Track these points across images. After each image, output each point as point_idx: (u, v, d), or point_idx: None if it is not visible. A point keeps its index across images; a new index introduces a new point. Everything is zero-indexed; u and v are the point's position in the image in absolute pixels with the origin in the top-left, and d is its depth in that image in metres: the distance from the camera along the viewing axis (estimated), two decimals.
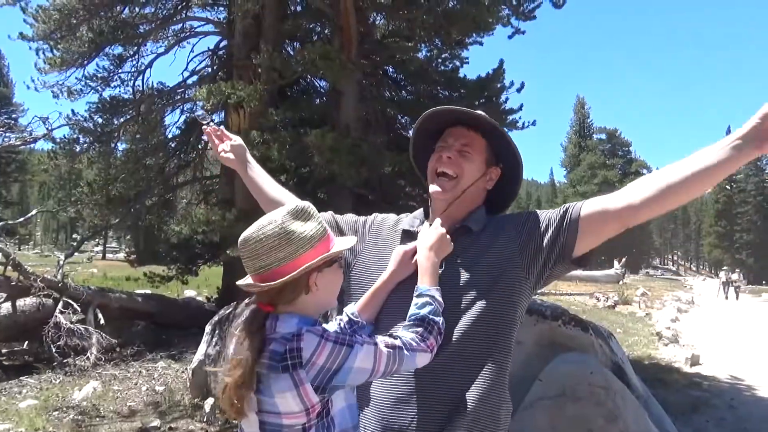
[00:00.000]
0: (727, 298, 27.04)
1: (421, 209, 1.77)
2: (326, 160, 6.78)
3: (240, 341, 1.27)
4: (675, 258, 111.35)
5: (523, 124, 9.43)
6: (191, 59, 11.34)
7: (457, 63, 9.87)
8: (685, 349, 10.05)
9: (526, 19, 9.02)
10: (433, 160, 1.62)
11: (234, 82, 7.76)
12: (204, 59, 11.52)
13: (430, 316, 1.41)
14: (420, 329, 1.40)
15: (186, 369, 6.60)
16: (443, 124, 1.67)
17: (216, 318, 5.92)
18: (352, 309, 1.59)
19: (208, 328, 5.85)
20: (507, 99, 9.32)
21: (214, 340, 5.65)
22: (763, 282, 52.26)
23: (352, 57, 7.62)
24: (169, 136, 11.70)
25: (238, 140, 1.97)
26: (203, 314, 9.17)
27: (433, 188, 1.61)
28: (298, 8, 10.04)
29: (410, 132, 8.14)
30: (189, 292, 14.78)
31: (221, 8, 11.21)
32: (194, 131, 11.03)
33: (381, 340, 1.32)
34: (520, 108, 9.43)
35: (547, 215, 1.59)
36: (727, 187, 63.80)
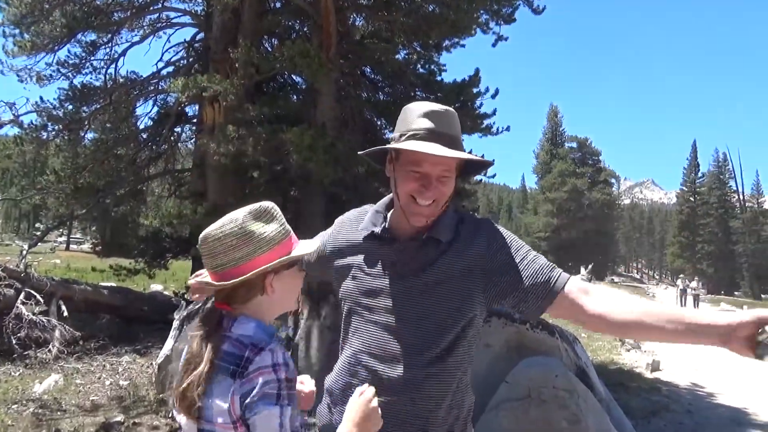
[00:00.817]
0: (684, 305, 27.76)
1: (384, 201, 1.72)
2: (304, 158, 6.76)
3: (198, 339, 1.26)
4: (639, 266, 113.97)
5: (498, 129, 9.56)
6: (166, 50, 11.20)
7: (435, 68, 9.95)
8: (647, 355, 10.32)
9: (506, 23, 9.15)
10: (409, 184, 1.53)
11: (210, 75, 7.68)
12: (180, 51, 11.37)
13: None
14: None
15: (151, 364, 6.51)
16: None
17: (183, 312, 5.85)
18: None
19: (175, 323, 5.78)
20: (482, 104, 9.45)
21: (182, 335, 5.58)
22: (722, 291, 53.96)
23: (331, 56, 7.62)
24: (141, 126, 11.52)
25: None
26: (170, 309, 9.05)
27: (413, 219, 1.55)
28: (278, 5, 9.99)
29: (387, 133, 8.15)
30: (155, 287, 14.55)
31: (199, 0, 11.08)
32: (167, 123, 10.89)
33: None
34: (494, 113, 9.57)
35: (529, 261, 1.54)
36: (691, 199, 65.71)
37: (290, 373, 1.23)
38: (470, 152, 1.73)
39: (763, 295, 52.09)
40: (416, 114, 1.57)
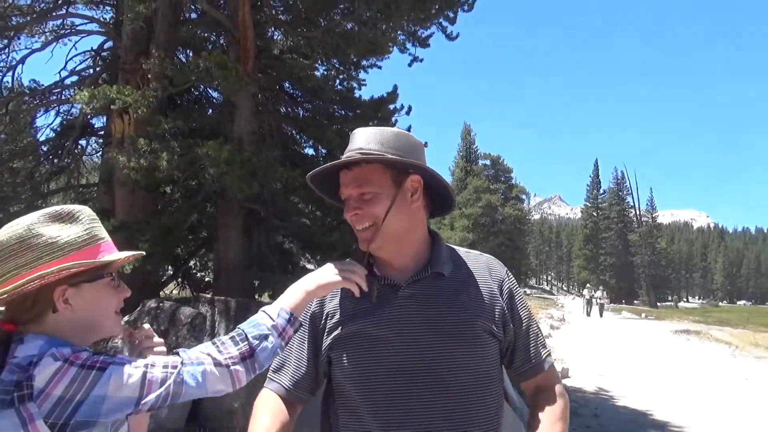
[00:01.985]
0: (589, 315, 29.34)
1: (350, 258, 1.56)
2: (220, 172, 6.59)
3: None
4: (549, 278, 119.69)
5: None
6: (71, 58, 10.57)
7: (354, 84, 10.06)
8: (557, 363, 10.82)
9: (421, 46, 9.42)
10: (346, 213, 1.42)
11: (120, 86, 7.34)
12: (86, 59, 10.77)
13: (249, 330, 1.15)
14: (226, 339, 1.14)
15: None
16: (336, 168, 1.45)
17: None
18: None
19: None
20: (397, 120, 9.64)
21: None
22: (623, 301, 57.75)
23: (249, 70, 7.51)
24: (41, 138, 10.77)
25: None
26: None
27: (359, 240, 1.42)
28: (193, 15, 9.74)
29: (306, 148, 8.09)
30: None
31: (107, 7, 10.57)
32: (70, 135, 10.26)
33: (157, 359, 1.07)
34: (409, 129, 9.79)
35: (530, 323, 1.49)
36: (594, 214, 70.12)
37: (87, 356, 1.01)
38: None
39: (659, 303, 56.25)
40: (351, 136, 1.48)
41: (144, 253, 1.25)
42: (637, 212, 67.19)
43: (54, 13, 9.86)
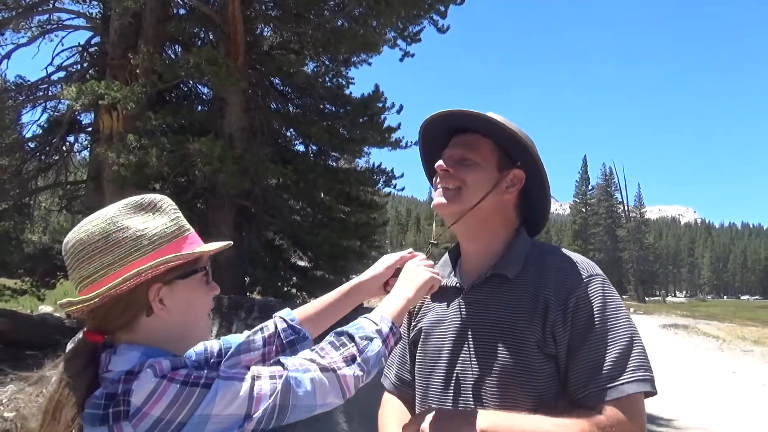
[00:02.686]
0: None
1: (446, 254, 1.48)
2: (212, 169, 6.55)
3: (59, 385, 0.91)
4: None
5: (407, 143, 9.79)
6: (58, 53, 10.47)
7: (343, 81, 10.04)
8: None
9: (412, 42, 9.41)
10: (437, 167, 1.33)
11: (108, 81, 7.27)
12: (73, 55, 10.66)
13: (352, 332, 1.03)
14: (326, 345, 1.01)
15: (41, 392, 5.99)
16: (450, 129, 1.37)
17: (79, 335, 5.45)
18: (289, 313, 1.23)
19: (69, 346, 5.37)
20: (386, 118, 9.64)
21: None
22: None
23: (239, 65, 7.48)
24: (28, 135, 10.66)
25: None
26: (62, 332, 8.39)
27: (434, 205, 1.33)
28: (182, 11, 9.67)
29: (297, 144, 8.01)
30: (45, 308, 13.43)
31: (94, 2, 10.47)
32: (58, 131, 10.15)
33: (262, 369, 0.93)
34: (399, 126, 9.78)
35: (589, 346, 1.19)
36: (583, 210, 70.58)
37: (193, 366, 0.91)
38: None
39: (647, 298, 56.82)
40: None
41: (232, 242, 1.08)
42: (626, 208, 67.76)
43: (40, 8, 9.74)
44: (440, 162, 1.30)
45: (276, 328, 1.19)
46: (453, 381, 1.26)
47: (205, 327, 1.03)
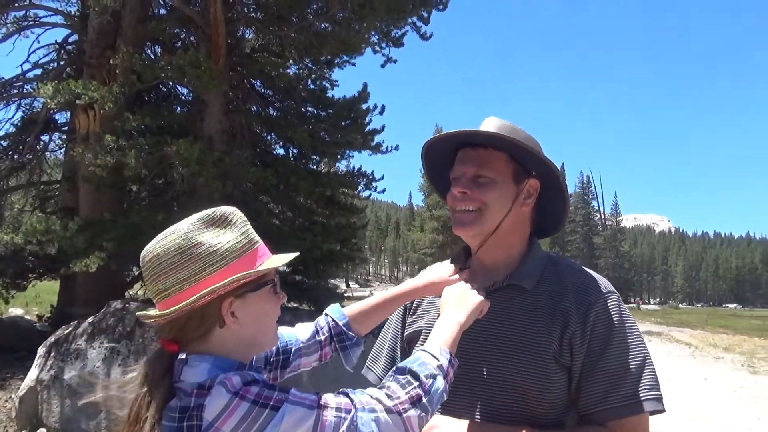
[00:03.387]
0: None
1: (454, 254, 1.46)
2: (192, 172, 6.47)
3: (140, 396, 0.95)
4: None
5: (387, 148, 9.80)
6: (33, 51, 10.27)
7: (326, 84, 10.02)
8: None
9: (395, 46, 9.43)
10: (449, 198, 1.31)
11: (85, 81, 7.15)
12: (49, 53, 10.49)
13: (417, 370, 1.03)
14: (391, 383, 1.01)
15: (11, 397, 5.84)
16: (456, 144, 1.34)
17: (52, 339, 5.33)
18: (337, 312, 1.27)
19: (41, 351, 5.25)
20: (371, 120, 9.64)
21: (49, 363, 5.07)
22: None
23: (221, 67, 7.41)
24: (1, 133, 10.42)
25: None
26: (34, 335, 8.21)
27: (455, 229, 1.30)
28: (162, 11, 9.56)
29: (277, 148, 7.98)
30: (15, 311, 13.11)
31: (72, 0, 10.31)
32: (32, 130, 9.95)
33: (330, 399, 0.96)
34: (383, 129, 9.79)
35: (604, 362, 1.19)
36: None
37: (264, 383, 0.93)
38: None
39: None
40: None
41: (299, 253, 1.12)
42: (602, 216, 68.76)
43: (16, 4, 9.56)
44: (456, 185, 1.27)
45: (330, 331, 1.25)
46: (463, 386, 1.24)
47: (274, 335, 1.08)
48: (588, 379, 1.19)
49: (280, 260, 1.04)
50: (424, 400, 0.99)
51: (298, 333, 1.27)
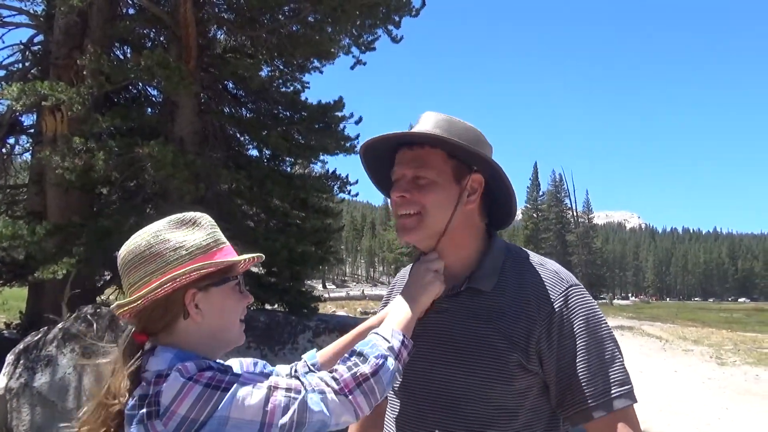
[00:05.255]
0: None
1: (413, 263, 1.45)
2: (166, 174, 6.39)
3: (101, 380, 1.02)
4: None
5: None
6: None
7: (299, 86, 9.97)
8: None
9: (366, 50, 9.44)
10: (391, 204, 1.29)
11: (52, 82, 7.00)
12: (14, 53, 10.20)
13: (367, 352, 1.07)
14: (340, 366, 1.06)
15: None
16: (394, 144, 1.30)
17: (21, 346, 5.22)
18: (312, 356, 1.28)
19: (9, 358, 5.13)
20: (345, 127, 9.61)
21: (18, 371, 4.97)
22: None
23: (192, 68, 7.33)
24: None
25: None
26: (1, 343, 8.01)
27: (399, 235, 1.29)
28: (131, 11, 9.41)
29: (250, 149, 7.93)
30: None
31: None
32: None
33: (280, 381, 1.00)
34: (357, 137, 9.77)
35: (577, 362, 1.17)
36: (534, 215, 72.27)
37: (221, 369, 0.98)
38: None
39: (595, 301, 58.61)
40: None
41: (263, 256, 1.17)
42: (575, 213, 69.79)
43: None
44: (396, 190, 1.24)
45: (298, 372, 1.27)
46: (425, 392, 1.23)
47: (237, 332, 1.12)
48: (563, 381, 1.17)
49: (241, 257, 1.10)
50: (372, 380, 1.03)
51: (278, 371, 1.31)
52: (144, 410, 0.95)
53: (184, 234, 1.07)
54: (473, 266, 1.28)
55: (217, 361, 1.05)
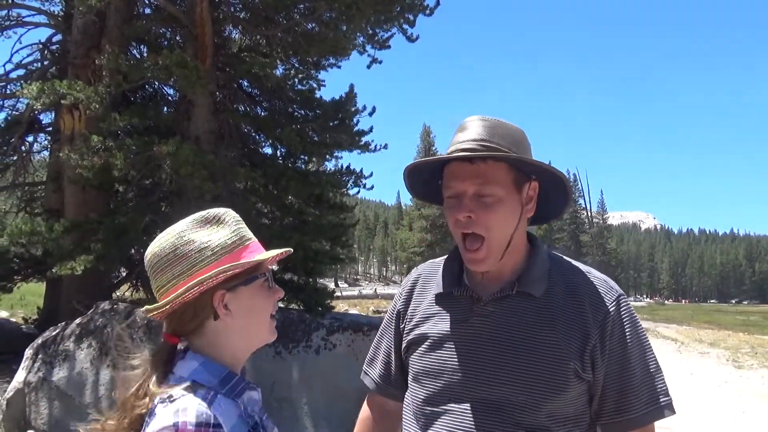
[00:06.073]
0: None
1: (443, 260, 1.38)
2: (185, 173, 6.44)
3: (143, 377, 1.01)
4: None
5: (376, 146, 9.79)
6: (17, 51, 10.19)
7: (314, 84, 10.00)
8: None
9: (381, 48, 9.44)
10: (450, 219, 1.22)
11: (70, 81, 7.09)
12: (33, 53, 10.38)
13: None
14: None
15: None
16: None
17: (39, 341, 5.29)
18: None
19: (28, 353, 5.21)
20: (358, 121, 9.63)
21: (36, 365, 5.04)
22: None
23: (207, 67, 7.38)
24: None
25: None
26: (20, 338, 8.13)
27: (466, 260, 1.23)
28: (147, 10, 9.49)
29: (264, 148, 7.96)
30: (0, 313, 12.98)
31: None
32: (16, 131, 9.84)
33: None
34: (371, 130, 9.77)
35: (626, 372, 1.19)
36: None
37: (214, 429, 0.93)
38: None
39: None
40: (457, 128, 1.26)
41: (291, 250, 1.15)
42: (589, 214, 69.29)
43: None
44: (460, 209, 1.18)
45: None
46: (472, 396, 1.19)
47: (268, 329, 1.10)
48: (609, 389, 1.18)
49: (268, 254, 1.08)
50: None
51: None
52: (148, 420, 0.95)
53: (209, 233, 1.05)
54: (520, 270, 1.25)
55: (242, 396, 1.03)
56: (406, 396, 1.33)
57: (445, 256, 1.38)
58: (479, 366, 1.19)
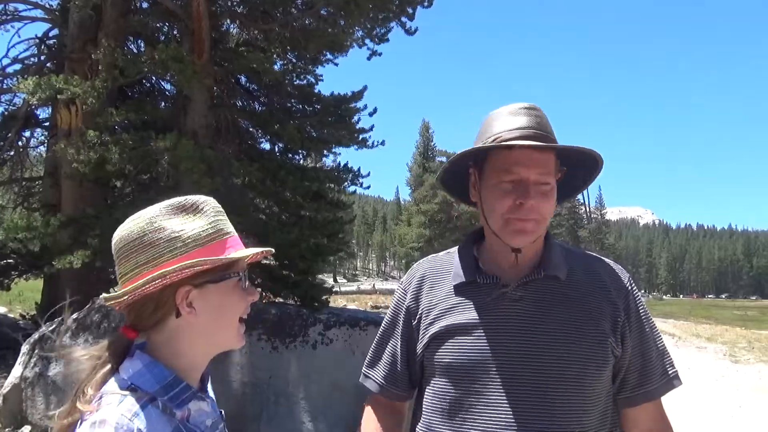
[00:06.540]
0: None
1: (470, 238, 1.36)
2: (183, 168, 6.43)
3: (90, 370, 0.93)
4: None
5: (373, 143, 9.77)
6: (13, 45, 10.15)
7: (312, 79, 9.97)
8: None
9: (380, 42, 9.40)
10: (503, 201, 1.21)
11: (67, 76, 7.07)
12: (29, 47, 10.34)
13: None
14: None
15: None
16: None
17: (36, 336, 5.29)
18: None
19: (25, 348, 5.20)
20: (360, 119, 9.60)
21: (33, 360, 5.04)
22: None
23: (204, 62, 7.35)
24: None
25: None
26: (17, 333, 8.12)
27: (515, 239, 1.22)
28: (144, 5, 9.45)
29: (263, 143, 7.93)
30: None
31: None
32: (13, 126, 9.81)
33: None
34: (371, 128, 9.77)
35: (655, 339, 1.27)
36: None
37: None
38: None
39: None
40: (500, 115, 1.26)
41: (273, 250, 1.06)
42: (587, 209, 69.41)
43: None
44: (526, 196, 1.18)
45: None
46: (514, 383, 1.18)
47: (234, 335, 0.99)
48: (634, 365, 1.24)
49: (244, 253, 0.98)
50: None
51: None
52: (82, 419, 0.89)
53: (183, 222, 0.95)
54: (540, 253, 1.28)
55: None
56: (427, 392, 1.29)
57: (449, 250, 1.38)
58: (521, 352, 1.19)
